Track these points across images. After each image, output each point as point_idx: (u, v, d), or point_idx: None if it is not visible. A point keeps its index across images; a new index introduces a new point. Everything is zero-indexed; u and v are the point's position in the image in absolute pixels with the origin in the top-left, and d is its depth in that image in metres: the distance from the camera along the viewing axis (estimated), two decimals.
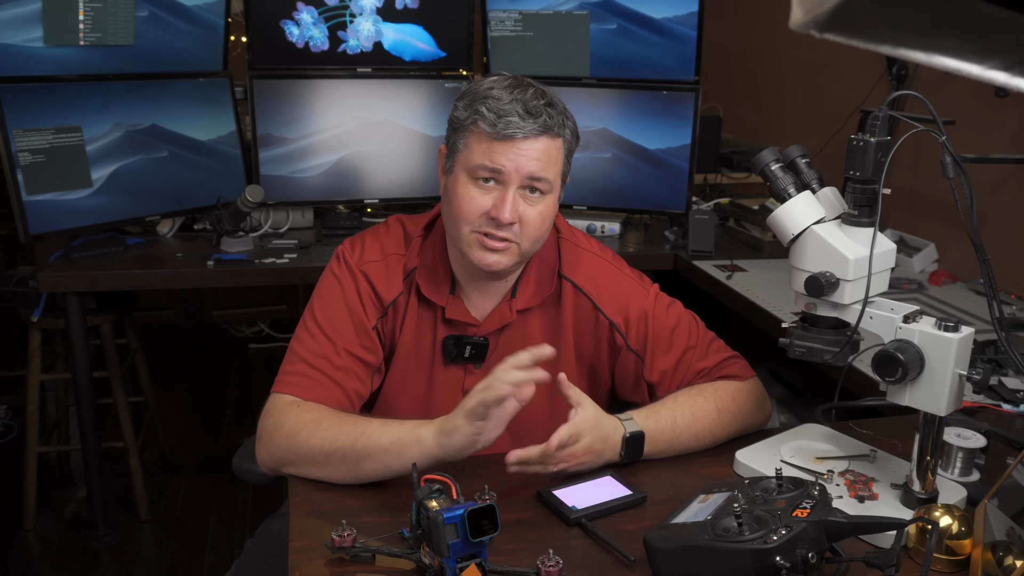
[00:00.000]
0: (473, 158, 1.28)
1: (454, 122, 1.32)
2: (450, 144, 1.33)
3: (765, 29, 3.46)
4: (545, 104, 1.28)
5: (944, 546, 1.04)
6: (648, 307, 1.42)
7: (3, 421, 3.33)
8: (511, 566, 1.02)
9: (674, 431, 1.32)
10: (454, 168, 1.32)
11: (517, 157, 1.26)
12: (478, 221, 1.29)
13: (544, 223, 1.32)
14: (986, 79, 0.50)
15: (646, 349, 1.42)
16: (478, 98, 1.28)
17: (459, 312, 1.39)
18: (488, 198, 1.28)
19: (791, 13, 0.47)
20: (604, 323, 1.42)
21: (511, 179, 1.27)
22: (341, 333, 1.34)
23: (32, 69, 2.31)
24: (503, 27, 2.83)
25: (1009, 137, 2.27)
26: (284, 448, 1.24)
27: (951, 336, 1.10)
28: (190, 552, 2.63)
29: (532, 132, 1.26)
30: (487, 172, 1.27)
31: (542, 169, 1.28)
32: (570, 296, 1.43)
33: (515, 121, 1.25)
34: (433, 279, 1.39)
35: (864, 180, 1.12)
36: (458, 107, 1.32)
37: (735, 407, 1.38)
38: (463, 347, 1.38)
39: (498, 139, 1.26)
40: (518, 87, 1.29)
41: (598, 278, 1.43)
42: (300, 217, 2.81)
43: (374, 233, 1.43)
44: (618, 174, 2.78)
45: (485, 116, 1.26)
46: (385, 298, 1.37)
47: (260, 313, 4.22)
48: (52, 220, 2.35)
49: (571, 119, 1.34)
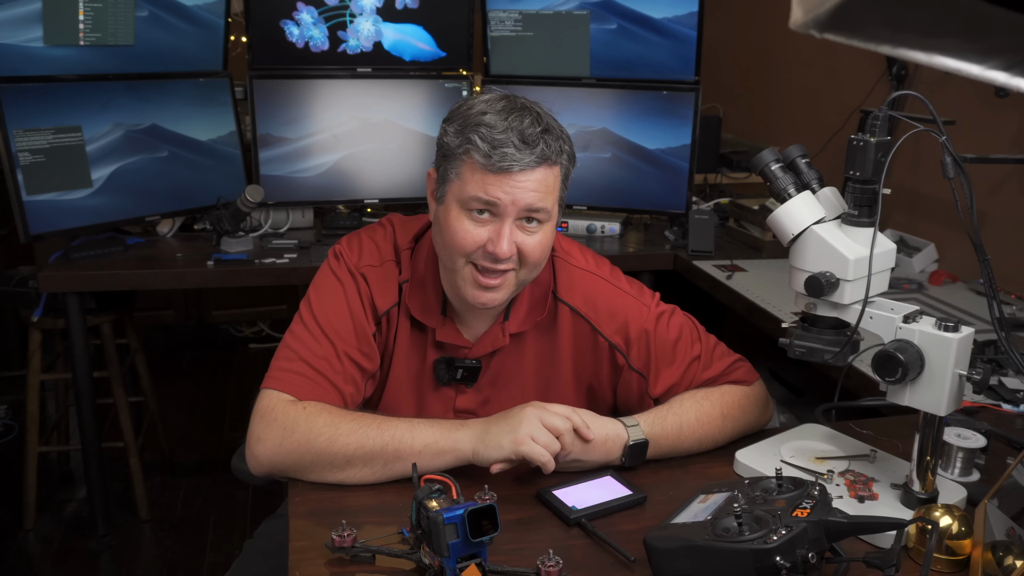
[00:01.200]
0: (467, 190, 1.21)
1: (444, 148, 1.25)
2: (440, 171, 1.27)
3: (765, 29, 3.46)
4: (542, 131, 1.21)
5: (944, 546, 1.04)
6: (648, 325, 1.38)
7: (3, 421, 3.32)
8: (511, 566, 1.02)
9: (679, 436, 1.32)
10: (445, 198, 1.26)
11: (513, 190, 1.20)
12: (473, 254, 1.24)
13: (543, 251, 1.28)
14: (986, 79, 0.50)
15: (649, 368, 1.39)
16: (470, 125, 1.21)
17: (450, 335, 1.35)
18: (484, 231, 1.23)
19: (791, 13, 0.47)
20: (603, 344, 1.39)
21: (507, 212, 1.21)
22: (342, 336, 1.30)
23: (32, 69, 2.31)
24: (503, 27, 2.82)
25: (1009, 137, 2.26)
26: (299, 455, 1.20)
27: (951, 336, 1.10)
28: (190, 552, 2.63)
29: (529, 164, 1.20)
30: (481, 204, 1.22)
31: (540, 200, 1.22)
32: (567, 318, 1.39)
33: (511, 153, 1.18)
34: (423, 300, 1.35)
35: (864, 180, 1.12)
36: (448, 132, 1.24)
37: (739, 412, 1.37)
38: (455, 370, 1.35)
39: (493, 171, 1.19)
40: (513, 112, 1.21)
41: (595, 298, 1.39)
42: (300, 217, 2.81)
43: (371, 235, 1.39)
44: (618, 174, 2.78)
45: (479, 147, 1.19)
46: (379, 307, 1.34)
47: (260, 313, 4.22)
48: (52, 220, 2.35)
49: (568, 141, 1.27)
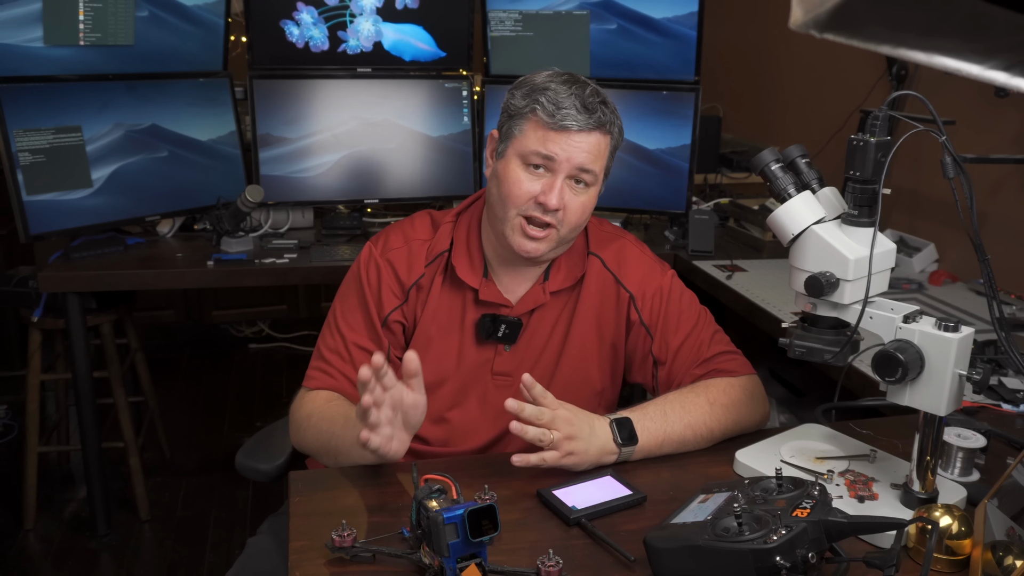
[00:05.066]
0: (528, 144, 1.34)
1: (510, 109, 1.38)
2: (503, 130, 1.39)
3: (765, 29, 3.46)
4: (600, 102, 1.34)
5: (944, 546, 1.04)
6: (665, 287, 1.48)
7: (3, 421, 3.32)
8: (511, 566, 1.02)
9: (665, 421, 1.32)
10: (506, 152, 1.38)
11: (569, 147, 1.32)
12: (525, 205, 1.35)
13: (584, 213, 1.38)
14: (986, 79, 0.50)
15: (656, 327, 1.47)
16: (537, 89, 1.34)
17: (492, 294, 1.45)
18: (537, 183, 1.34)
19: (791, 13, 0.47)
20: (624, 296, 1.48)
21: (561, 167, 1.33)
22: (352, 327, 1.43)
23: (32, 69, 2.31)
24: (503, 27, 2.82)
25: (1009, 137, 2.27)
26: (296, 440, 1.41)
27: (951, 336, 1.10)
28: (190, 552, 2.63)
29: (587, 126, 1.32)
30: (539, 159, 1.33)
31: (591, 161, 1.34)
32: (596, 272, 1.48)
33: (572, 114, 1.31)
34: (469, 262, 1.45)
35: (864, 180, 1.12)
36: (515, 95, 1.37)
37: (727, 400, 1.38)
38: (498, 325, 1.43)
39: (554, 128, 1.32)
40: (575, 83, 1.35)
41: (622, 256, 1.50)
42: (300, 217, 2.81)
43: (399, 226, 1.51)
44: (618, 174, 2.75)
45: (544, 106, 1.32)
46: (406, 281, 1.44)
47: (260, 313, 4.22)
48: (52, 220, 2.35)
49: (619, 119, 1.40)
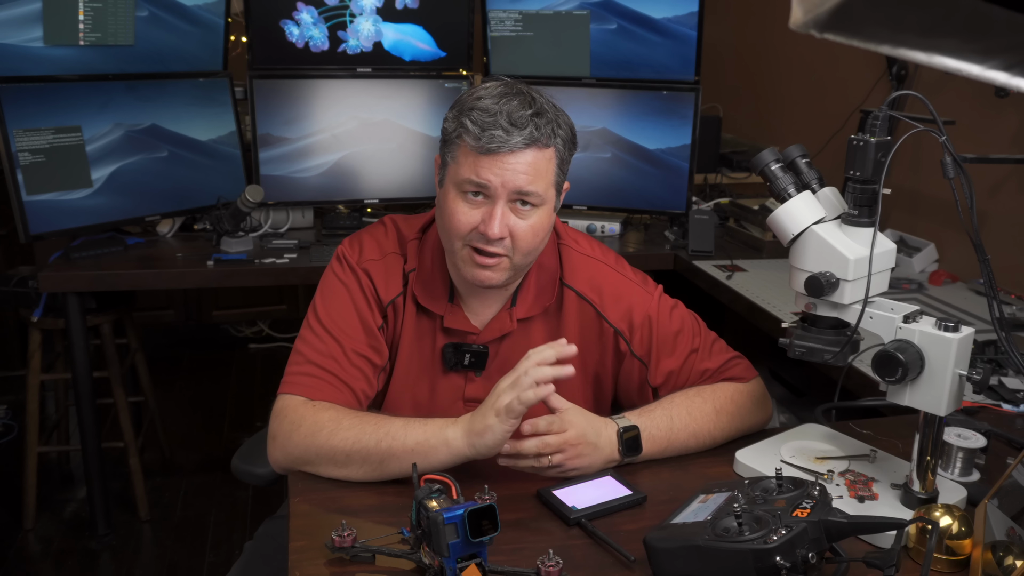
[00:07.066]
0: (460, 172, 1.25)
1: (444, 134, 1.30)
2: (442, 157, 1.31)
3: (765, 29, 3.46)
4: (532, 114, 1.23)
5: (944, 546, 1.04)
6: (652, 312, 1.40)
7: (3, 421, 3.33)
8: (511, 566, 1.02)
9: (670, 429, 1.32)
10: (444, 182, 1.30)
11: (503, 171, 1.23)
12: (468, 236, 1.27)
13: (536, 236, 1.29)
14: (986, 79, 0.50)
15: (650, 355, 1.41)
16: (464, 109, 1.25)
17: (458, 321, 1.37)
18: (477, 213, 1.26)
19: (791, 13, 0.47)
20: (608, 330, 1.41)
21: (498, 194, 1.24)
22: (348, 334, 1.32)
23: (32, 69, 2.31)
24: (503, 27, 2.82)
25: (1009, 137, 2.26)
26: (303, 448, 1.23)
27: (951, 336, 1.10)
28: (190, 552, 2.63)
29: (518, 145, 1.22)
30: (474, 187, 1.25)
31: (530, 183, 1.24)
32: (573, 304, 1.40)
33: (499, 135, 1.21)
34: (430, 288, 1.37)
35: (864, 180, 1.12)
36: (448, 118, 1.29)
37: (734, 408, 1.37)
38: (462, 355, 1.37)
39: (483, 153, 1.23)
40: (506, 96, 1.24)
41: (601, 284, 1.41)
42: (300, 217, 2.81)
43: (371, 232, 1.42)
44: (618, 174, 2.78)
45: (469, 130, 1.23)
46: (384, 298, 1.36)
47: (260, 313, 4.22)
48: (52, 220, 2.35)
49: (564, 126, 1.29)
